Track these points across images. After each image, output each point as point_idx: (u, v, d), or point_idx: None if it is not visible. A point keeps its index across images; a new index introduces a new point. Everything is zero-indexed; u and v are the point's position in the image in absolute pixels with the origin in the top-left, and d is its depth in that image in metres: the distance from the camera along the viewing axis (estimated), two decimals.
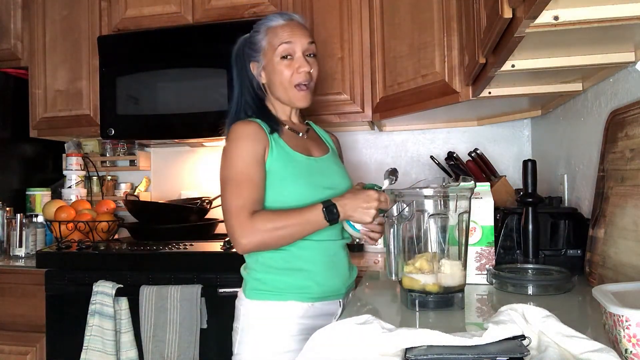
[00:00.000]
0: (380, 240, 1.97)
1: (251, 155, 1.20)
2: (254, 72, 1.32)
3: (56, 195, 2.54)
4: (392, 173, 1.25)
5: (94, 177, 2.60)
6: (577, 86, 1.48)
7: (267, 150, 1.22)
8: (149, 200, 2.55)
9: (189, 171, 2.57)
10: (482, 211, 1.27)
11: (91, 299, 1.75)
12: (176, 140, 2.36)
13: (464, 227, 1.05)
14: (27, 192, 2.45)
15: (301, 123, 1.40)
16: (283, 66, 1.27)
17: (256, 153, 1.20)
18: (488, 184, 1.34)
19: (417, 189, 1.05)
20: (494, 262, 1.28)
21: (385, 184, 1.22)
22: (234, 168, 1.19)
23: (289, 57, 1.27)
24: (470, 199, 1.06)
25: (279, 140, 1.25)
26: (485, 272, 1.26)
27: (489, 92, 1.53)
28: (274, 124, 1.27)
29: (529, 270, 1.26)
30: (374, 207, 1.14)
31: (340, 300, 1.30)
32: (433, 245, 1.03)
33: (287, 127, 1.32)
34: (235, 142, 1.22)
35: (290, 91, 1.28)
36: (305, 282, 1.22)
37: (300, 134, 1.35)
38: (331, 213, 1.14)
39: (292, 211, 1.16)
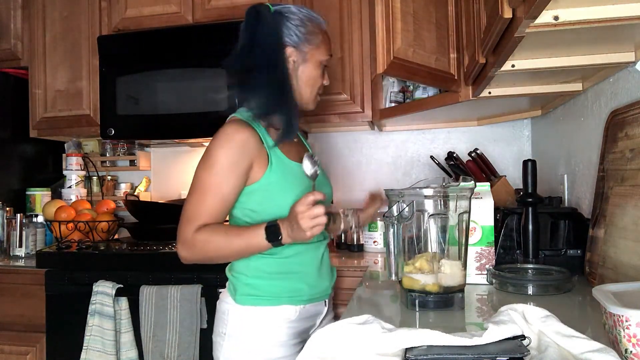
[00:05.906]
0: (380, 240, 2.00)
1: (231, 165, 1.13)
2: (288, 57, 1.22)
3: (56, 195, 2.54)
4: (310, 157, 1.14)
5: (94, 177, 2.61)
6: (577, 86, 1.48)
7: (257, 163, 1.16)
8: (149, 200, 2.55)
9: (189, 171, 2.56)
10: (482, 211, 1.27)
11: (91, 299, 1.75)
12: (176, 140, 2.36)
13: (464, 227, 1.05)
14: (27, 192, 2.45)
15: None
16: (321, 73, 1.27)
17: (237, 165, 1.13)
18: (488, 184, 1.34)
19: (417, 189, 1.05)
20: (494, 262, 1.28)
21: (307, 169, 1.12)
22: (208, 173, 1.14)
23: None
24: (470, 199, 1.06)
25: (276, 151, 1.19)
26: (485, 272, 1.26)
27: (489, 92, 1.53)
28: (288, 131, 1.18)
29: (529, 270, 1.26)
30: (307, 216, 1.03)
31: (326, 300, 1.29)
32: (433, 245, 1.03)
33: None
34: (221, 145, 1.14)
35: (313, 96, 1.28)
36: (298, 284, 1.20)
37: (295, 139, 1.30)
38: (272, 234, 1.09)
39: (237, 230, 1.13)
